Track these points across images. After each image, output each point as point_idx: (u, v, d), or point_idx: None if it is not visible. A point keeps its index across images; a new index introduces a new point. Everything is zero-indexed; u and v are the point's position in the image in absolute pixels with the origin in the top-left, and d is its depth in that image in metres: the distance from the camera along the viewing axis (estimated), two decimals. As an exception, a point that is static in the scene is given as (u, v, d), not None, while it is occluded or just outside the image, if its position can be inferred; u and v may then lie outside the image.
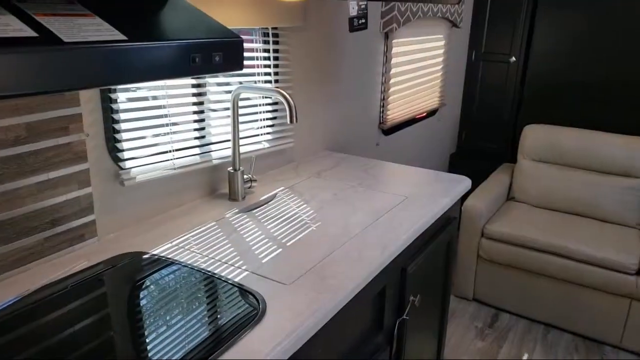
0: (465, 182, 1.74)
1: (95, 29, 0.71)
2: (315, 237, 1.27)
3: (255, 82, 1.66)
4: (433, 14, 2.57)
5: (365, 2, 1.18)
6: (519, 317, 2.61)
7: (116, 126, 1.24)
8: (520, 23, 3.03)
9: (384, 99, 2.44)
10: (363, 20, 1.20)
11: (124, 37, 0.72)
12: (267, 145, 1.73)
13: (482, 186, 2.78)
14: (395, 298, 1.37)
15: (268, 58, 1.68)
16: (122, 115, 1.25)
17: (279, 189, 1.61)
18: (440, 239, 1.62)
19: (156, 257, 1.15)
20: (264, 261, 1.14)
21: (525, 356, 2.32)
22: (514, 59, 3.10)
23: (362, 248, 1.22)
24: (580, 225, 2.57)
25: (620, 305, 2.31)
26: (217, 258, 1.15)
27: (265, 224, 1.35)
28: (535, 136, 2.88)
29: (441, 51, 2.90)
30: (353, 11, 1.13)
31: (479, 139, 3.36)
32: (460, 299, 2.76)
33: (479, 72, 3.26)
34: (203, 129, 1.50)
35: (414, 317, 1.51)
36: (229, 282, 1.05)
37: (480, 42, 3.20)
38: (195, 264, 1.12)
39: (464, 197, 2.48)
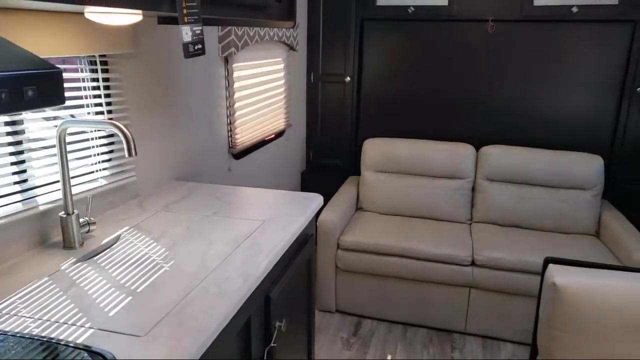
0: (318, 199, 1.79)
1: None
2: (170, 277, 1.18)
3: (87, 113, 1.50)
4: (270, 38, 2.63)
5: (200, 27, 1.14)
6: (379, 321, 2.76)
7: None
8: (351, 45, 3.27)
9: (230, 122, 2.40)
10: (200, 46, 1.16)
11: None
12: (104, 182, 1.57)
13: (333, 200, 2.90)
14: (262, 327, 1.33)
15: (98, 87, 1.53)
16: None
17: (123, 229, 1.46)
18: (300, 258, 1.63)
19: (-30, 331, 0.95)
20: (111, 314, 1.02)
21: (389, 357, 2.45)
22: (349, 79, 3.32)
23: (222, 282, 1.16)
24: (421, 227, 2.82)
25: (461, 295, 2.59)
26: (53, 319, 0.99)
27: (110, 271, 1.21)
28: (374, 149, 3.11)
29: (282, 74, 2.98)
30: (187, 37, 1.08)
31: (326, 155, 3.51)
32: (324, 312, 2.82)
33: (318, 93, 3.42)
34: (24, 171, 1.30)
35: (281, 341, 1.49)
36: (71, 345, 0.91)
37: (317, 64, 3.36)
38: (25, 331, 0.95)
39: (318, 213, 2.56)
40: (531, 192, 2.87)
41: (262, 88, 2.71)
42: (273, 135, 2.95)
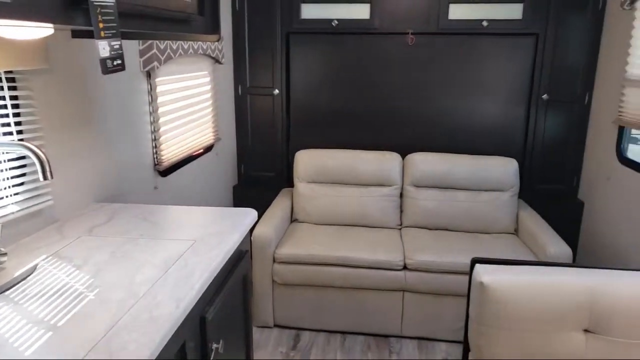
0: (251, 214, 1.76)
1: None
2: (95, 307, 1.10)
3: (-9, 135, 1.38)
4: (195, 51, 2.57)
5: (118, 42, 1.09)
6: (318, 332, 2.75)
7: None
8: (277, 58, 3.27)
9: (155, 139, 2.32)
10: (119, 61, 1.11)
11: None
12: (16, 208, 1.45)
13: (267, 213, 2.88)
14: (198, 350, 1.28)
15: (5, 106, 1.42)
16: None
17: (40, 259, 1.35)
18: (236, 275, 1.59)
19: None
20: (28, 353, 0.93)
21: (329, 367, 2.45)
22: (277, 91, 3.32)
23: (153, 307, 1.11)
24: (355, 235, 2.87)
25: (395, 299, 2.65)
26: (-41, 365, 0.89)
27: (26, 305, 1.11)
28: (306, 160, 3.13)
29: (208, 87, 2.92)
30: (104, 52, 1.03)
31: (258, 168, 3.48)
32: (262, 328, 2.77)
33: (247, 106, 3.39)
34: None
35: (220, 364, 1.44)
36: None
37: (244, 77, 3.34)
38: None
39: (252, 227, 2.52)
40: (455, 195, 3.01)
41: (187, 102, 2.64)
42: (202, 150, 2.88)
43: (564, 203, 3.26)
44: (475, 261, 1.75)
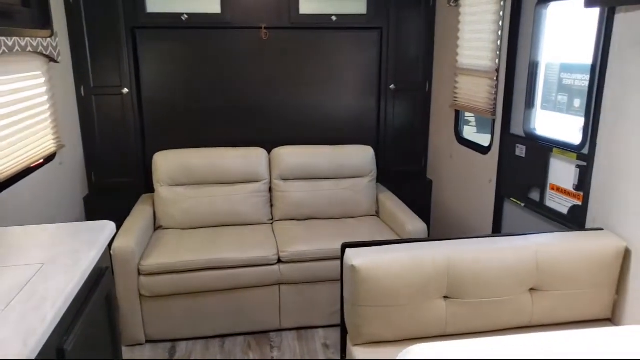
0: (109, 227, 1.61)
1: None
2: None
3: None
4: (22, 49, 2.25)
5: None
6: (196, 340, 2.64)
7: None
8: (124, 55, 3.03)
9: (-19, 152, 1.99)
10: None
11: None
12: None
13: (127, 223, 2.66)
14: (59, 387, 1.14)
15: None
16: None
17: None
18: (97, 296, 1.44)
19: None
20: None
21: (211, 374, 2.37)
22: (126, 90, 3.08)
23: (-4, 349, 0.95)
24: (226, 235, 2.80)
25: (272, 294, 2.66)
26: None
27: None
28: (166, 162, 2.96)
29: (43, 89, 2.59)
30: None
31: (111, 175, 3.20)
32: (132, 347, 2.58)
33: (93, 107, 3.09)
34: None
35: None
36: None
37: (87, 76, 3.03)
38: None
39: (111, 240, 2.31)
40: (320, 185, 3.11)
41: (17, 107, 2.31)
42: (42, 161, 2.55)
43: (416, 182, 3.58)
44: (345, 246, 1.83)
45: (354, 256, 1.74)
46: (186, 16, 3.02)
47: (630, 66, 1.78)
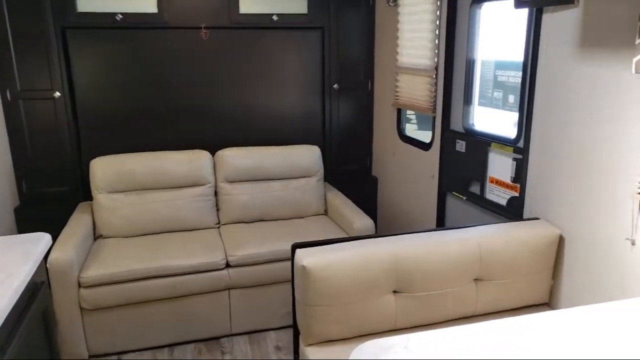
0: (44, 239, 1.52)
1: None
2: None
3: None
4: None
5: None
6: (142, 351, 2.55)
7: None
8: (54, 57, 2.87)
9: None
10: None
11: None
12: None
13: (64, 234, 2.52)
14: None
15: None
16: None
17: None
18: (33, 312, 1.36)
19: None
20: None
21: (161, 386, 2.30)
22: (58, 94, 2.92)
23: None
24: (171, 242, 2.72)
25: (222, 299, 2.61)
26: None
27: None
28: (104, 168, 2.84)
29: (-36, 94, 2.40)
30: None
31: (45, 184, 3.02)
32: (76, 363, 2.45)
33: (21, 113, 2.90)
34: None
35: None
36: None
37: (12, 80, 2.84)
38: None
39: (47, 253, 2.19)
40: (267, 186, 3.08)
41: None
42: (-35, 171, 2.37)
43: (362, 180, 3.63)
44: (295, 246, 1.82)
45: (304, 256, 1.74)
46: (120, 16, 2.90)
47: (557, 63, 1.89)
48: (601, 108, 1.71)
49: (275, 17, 3.14)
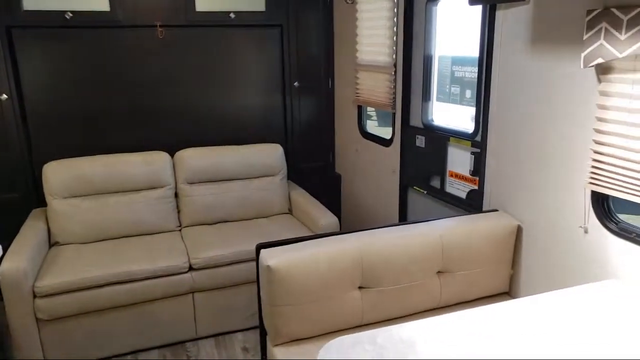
0: (-8, 249, 1.44)
1: None
2: None
3: None
4: None
5: None
6: (105, 360, 2.47)
7: None
8: (0, 58, 2.73)
9: None
10: None
11: None
12: None
13: (16, 243, 2.40)
14: None
15: None
16: None
17: None
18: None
19: None
20: None
21: (125, 395, 2.23)
22: (5, 96, 2.78)
23: None
24: (131, 246, 2.64)
25: (186, 303, 2.56)
26: None
27: None
28: (59, 173, 2.73)
29: None
30: None
31: (-7, 191, 2.87)
32: (33, 377, 2.34)
33: (-35, 116, 2.75)
34: None
35: None
36: None
37: (-46, 82, 2.69)
38: None
39: (-3, 264, 2.09)
40: (229, 186, 3.04)
41: None
42: None
43: (325, 177, 3.63)
44: (259, 247, 1.80)
45: (268, 256, 1.72)
46: (70, 14, 2.79)
47: (511, 58, 1.95)
48: (554, 102, 1.77)
49: (232, 15, 3.10)
